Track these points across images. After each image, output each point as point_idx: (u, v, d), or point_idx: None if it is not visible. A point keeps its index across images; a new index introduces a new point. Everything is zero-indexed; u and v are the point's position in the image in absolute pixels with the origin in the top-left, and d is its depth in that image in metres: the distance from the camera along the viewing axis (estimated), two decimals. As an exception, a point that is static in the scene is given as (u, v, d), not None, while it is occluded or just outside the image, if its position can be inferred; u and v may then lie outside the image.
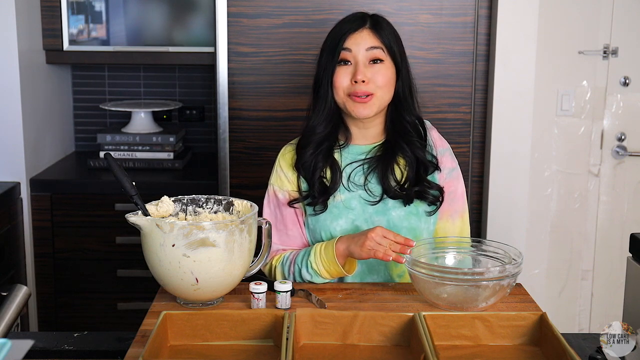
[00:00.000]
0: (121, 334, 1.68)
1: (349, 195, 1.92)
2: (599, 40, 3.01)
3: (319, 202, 1.91)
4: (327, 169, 1.93)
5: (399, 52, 1.91)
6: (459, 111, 2.76)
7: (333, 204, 1.92)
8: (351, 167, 1.93)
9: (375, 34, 1.88)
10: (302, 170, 1.93)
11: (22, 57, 2.83)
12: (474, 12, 2.73)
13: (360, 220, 1.91)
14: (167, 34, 3.14)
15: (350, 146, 1.96)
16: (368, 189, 1.91)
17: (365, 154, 1.94)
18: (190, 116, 3.41)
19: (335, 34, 1.89)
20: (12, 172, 2.85)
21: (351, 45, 1.86)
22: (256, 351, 1.50)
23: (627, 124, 3.08)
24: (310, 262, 1.86)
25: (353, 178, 1.93)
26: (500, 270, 1.67)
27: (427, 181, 1.91)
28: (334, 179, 1.92)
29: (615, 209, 3.13)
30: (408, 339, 1.51)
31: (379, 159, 1.92)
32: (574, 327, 3.18)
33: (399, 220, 1.90)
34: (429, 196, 1.91)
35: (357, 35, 1.87)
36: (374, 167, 1.92)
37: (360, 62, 1.86)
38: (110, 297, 2.94)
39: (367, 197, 1.91)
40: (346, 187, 1.92)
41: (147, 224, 1.64)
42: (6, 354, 0.99)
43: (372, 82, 1.86)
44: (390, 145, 1.93)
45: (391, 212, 1.90)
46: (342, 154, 1.95)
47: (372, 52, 1.86)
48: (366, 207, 1.91)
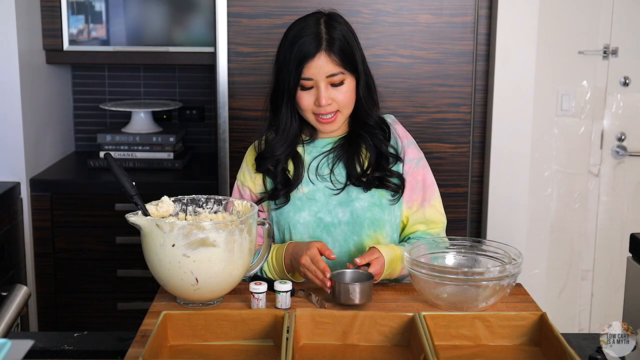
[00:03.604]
0: (121, 334, 1.68)
1: (314, 188, 1.95)
2: (599, 40, 3.01)
3: (280, 195, 1.94)
4: (289, 163, 1.97)
5: (358, 60, 1.90)
6: (459, 111, 2.76)
7: (296, 197, 1.95)
8: (317, 160, 1.97)
9: (333, 58, 1.85)
10: (264, 169, 1.96)
11: (22, 57, 2.83)
12: (474, 12, 2.72)
13: (324, 211, 1.93)
14: (167, 34, 3.14)
15: (317, 140, 1.99)
16: (334, 179, 1.95)
17: (330, 145, 1.98)
18: (190, 116, 3.41)
19: (293, 56, 1.86)
20: (12, 172, 2.85)
21: (311, 74, 1.85)
22: (256, 351, 1.50)
23: (627, 124, 3.08)
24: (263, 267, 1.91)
25: (319, 170, 1.96)
26: (500, 270, 1.67)
27: (389, 170, 1.94)
28: (297, 173, 1.95)
29: (615, 209, 3.13)
30: (408, 339, 1.51)
31: (344, 147, 1.96)
32: (574, 327, 3.18)
33: (362, 211, 1.92)
34: (391, 184, 1.93)
35: (315, 63, 1.85)
36: (339, 156, 1.95)
37: (322, 87, 1.86)
38: (110, 297, 2.94)
39: (332, 187, 1.94)
40: (311, 179, 1.96)
41: (147, 224, 1.64)
42: (6, 354, 0.99)
43: (336, 102, 1.88)
44: (354, 136, 1.97)
45: (354, 203, 1.93)
46: (306, 148, 1.99)
47: (331, 78, 1.87)
48: (330, 199, 1.94)
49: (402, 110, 2.72)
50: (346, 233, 1.92)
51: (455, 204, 2.76)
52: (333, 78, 1.87)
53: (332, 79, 1.87)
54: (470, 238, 1.90)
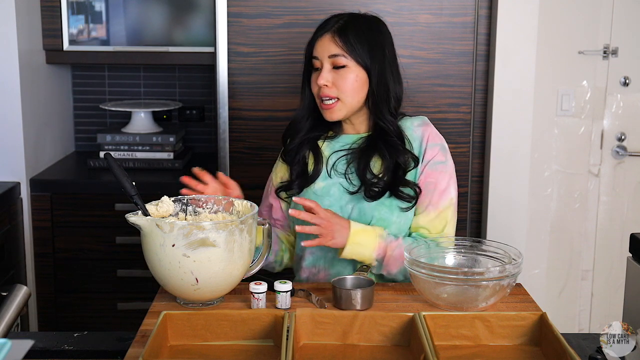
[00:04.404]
0: (121, 334, 1.68)
1: (330, 182, 1.97)
2: (599, 40, 3.01)
3: (294, 187, 1.97)
4: (309, 156, 1.99)
5: (369, 54, 1.91)
6: (459, 111, 2.76)
7: (312, 190, 1.97)
8: (336, 155, 1.99)
9: (338, 40, 1.90)
10: (287, 156, 2.02)
11: (22, 57, 2.83)
12: (474, 12, 2.72)
13: (336, 207, 1.95)
14: (167, 34, 3.14)
15: (341, 136, 2.01)
16: (349, 177, 1.96)
17: (350, 144, 1.99)
18: (190, 116, 3.41)
19: (311, 38, 1.96)
20: (12, 172, 2.84)
21: (317, 53, 1.93)
22: (256, 351, 1.50)
23: (627, 124, 3.08)
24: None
25: (337, 166, 1.98)
26: (500, 270, 1.67)
27: (404, 181, 1.93)
28: (316, 168, 1.98)
29: (615, 209, 3.13)
30: (408, 339, 1.51)
31: (361, 151, 1.96)
32: (574, 327, 3.18)
33: (370, 209, 1.93)
34: (404, 195, 1.93)
35: (320, 42, 1.92)
36: (355, 159, 1.96)
37: (324, 68, 1.91)
38: (110, 297, 2.94)
39: (347, 185, 1.96)
40: (328, 174, 1.97)
41: (147, 224, 1.64)
42: (6, 354, 0.99)
43: (336, 87, 1.91)
44: (373, 141, 1.96)
45: (363, 201, 1.94)
46: (328, 144, 2.01)
47: (333, 59, 1.90)
48: (343, 195, 1.96)
49: (402, 110, 2.71)
50: None
51: (455, 204, 2.76)
52: (335, 59, 1.90)
53: (334, 60, 1.90)
54: (470, 238, 1.90)
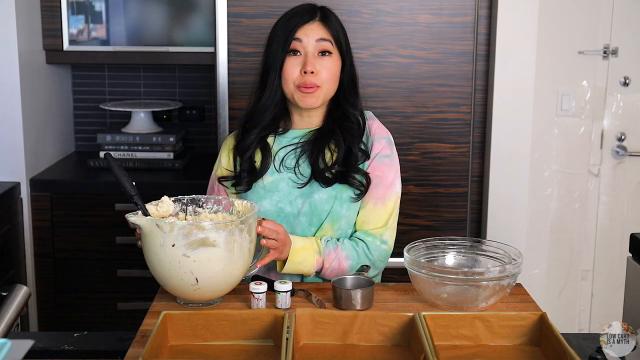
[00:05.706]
0: (121, 334, 1.68)
1: (278, 177, 1.96)
2: (599, 40, 3.01)
3: (242, 183, 1.96)
4: (257, 152, 1.98)
5: (346, 45, 1.97)
6: (459, 111, 2.76)
7: (260, 186, 1.96)
8: (285, 150, 1.98)
9: (325, 26, 1.93)
10: (238, 152, 1.99)
11: (22, 57, 2.83)
12: (474, 12, 2.72)
13: (285, 202, 1.94)
14: (167, 34, 3.14)
15: (289, 131, 2.00)
16: (298, 171, 1.95)
17: (299, 138, 1.99)
18: (190, 116, 3.41)
19: (286, 25, 1.94)
20: (12, 172, 2.84)
21: (302, 35, 1.91)
22: (256, 351, 1.50)
23: (627, 124, 3.08)
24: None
25: (285, 161, 1.97)
26: (500, 270, 1.67)
27: (355, 167, 1.93)
28: (263, 163, 1.97)
29: (615, 209, 3.13)
30: (408, 339, 1.51)
31: (312, 142, 1.96)
32: (574, 327, 3.18)
33: (321, 203, 1.93)
34: (355, 181, 1.93)
35: (308, 27, 1.92)
36: (305, 150, 1.96)
37: (309, 53, 1.91)
38: (110, 297, 2.94)
39: (296, 179, 1.95)
40: (277, 169, 1.97)
41: (147, 224, 1.64)
42: (6, 354, 0.99)
43: (319, 75, 1.91)
44: (324, 131, 1.97)
45: (314, 195, 1.93)
46: (276, 139, 2.00)
47: (321, 43, 1.92)
48: (292, 190, 1.95)
49: (402, 110, 2.72)
50: (304, 224, 1.93)
51: (455, 204, 2.76)
52: (323, 43, 1.91)
53: (322, 44, 1.91)
54: (470, 238, 1.90)
